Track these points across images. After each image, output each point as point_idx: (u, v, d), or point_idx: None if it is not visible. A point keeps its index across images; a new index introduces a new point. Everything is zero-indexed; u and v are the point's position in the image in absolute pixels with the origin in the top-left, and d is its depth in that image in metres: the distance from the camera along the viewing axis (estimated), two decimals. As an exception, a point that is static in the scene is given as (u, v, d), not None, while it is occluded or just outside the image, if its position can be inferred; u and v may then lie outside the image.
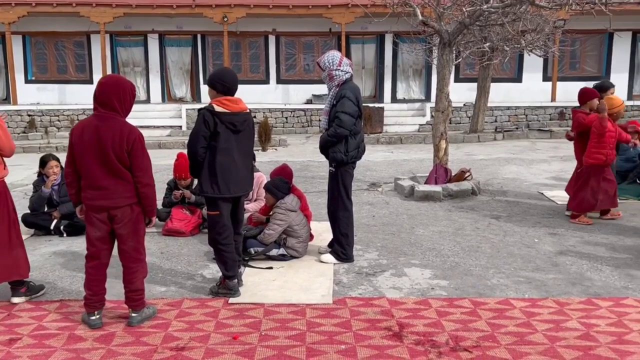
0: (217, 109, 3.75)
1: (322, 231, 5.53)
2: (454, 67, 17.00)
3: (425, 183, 7.63)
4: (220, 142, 3.76)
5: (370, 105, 15.81)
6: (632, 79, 18.25)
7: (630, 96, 17.82)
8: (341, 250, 4.82)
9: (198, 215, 5.81)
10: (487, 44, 10.19)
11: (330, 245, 4.96)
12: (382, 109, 15.69)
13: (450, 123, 16.41)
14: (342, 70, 4.55)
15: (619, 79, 18.06)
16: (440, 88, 7.58)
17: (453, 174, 7.74)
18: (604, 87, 6.59)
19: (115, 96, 3.37)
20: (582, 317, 3.65)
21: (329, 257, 4.84)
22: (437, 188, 7.29)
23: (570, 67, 18.18)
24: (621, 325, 3.53)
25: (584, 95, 6.16)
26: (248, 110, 3.95)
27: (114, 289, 3.92)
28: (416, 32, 10.59)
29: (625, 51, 18.04)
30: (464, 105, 16.39)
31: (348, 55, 17.39)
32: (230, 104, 3.81)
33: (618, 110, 6.01)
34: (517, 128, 15.03)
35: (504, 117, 16.56)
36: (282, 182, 4.95)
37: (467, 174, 7.70)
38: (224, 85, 3.85)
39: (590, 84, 18.40)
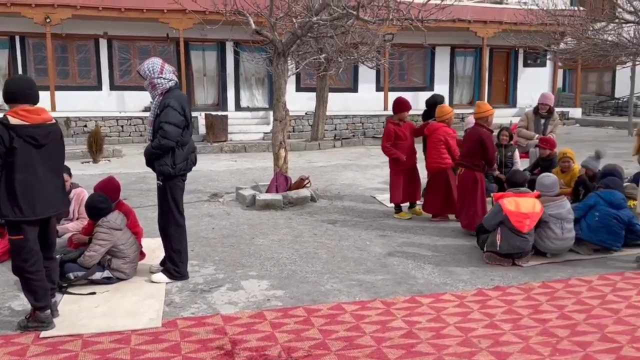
0: (13, 121, 3.31)
1: (156, 248, 5.21)
2: (295, 76, 17.56)
3: (267, 192, 7.62)
4: (19, 159, 3.31)
5: (214, 113, 15.52)
6: (452, 90, 20.24)
7: (451, 105, 19.72)
8: (174, 268, 4.58)
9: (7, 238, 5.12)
10: (323, 55, 10.55)
11: (163, 263, 4.68)
12: (225, 117, 15.48)
13: (293, 131, 16.91)
14: (164, 78, 4.32)
15: (442, 89, 19.90)
16: (277, 97, 7.65)
17: (293, 182, 7.84)
18: (438, 102, 7.21)
19: None
20: (406, 316, 3.85)
21: (160, 277, 4.56)
22: (278, 196, 7.32)
23: (400, 78, 19.63)
24: (440, 320, 3.79)
25: (397, 106, 6.67)
26: (53, 121, 3.53)
27: None
28: (255, 41, 10.61)
29: (445, 64, 19.96)
30: (306, 114, 16.82)
31: (188, 62, 16.92)
32: (29, 115, 3.38)
33: (449, 118, 6.58)
34: (354, 135, 15.80)
35: (342, 125, 17.31)
36: (99, 198, 4.53)
37: (306, 181, 7.84)
38: (8, 93, 3.41)
39: (417, 94, 19.86)
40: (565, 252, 5.11)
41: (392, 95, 17.74)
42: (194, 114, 16.15)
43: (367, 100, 18.53)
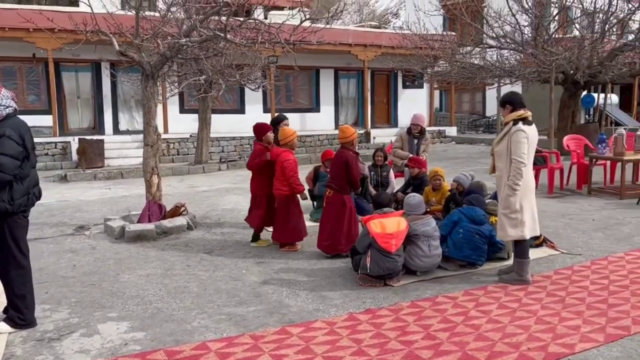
0: None
1: (1, 293, 4.63)
2: (178, 98, 17.03)
3: (138, 222, 7.16)
4: None
5: (88, 137, 14.58)
6: (337, 111, 20.73)
7: (337, 126, 20.19)
8: (17, 315, 4.07)
9: None
10: (203, 77, 10.28)
11: (5, 310, 4.16)
12: (102, 141, 14.59)
13: (177, 154, 16.33)
14: (0, 105, 3.86)
15: (328, 110, 20.43)
16: (148, 121, 7.28)
17: (168, 210, 7.45)
18: (279, 120, 7.16)
19: None
20: (273, 349, 3.69)
21: (2, 326, 4.03)
22: (150, 226, 6.90)
23: (287, 100, 19.76)
24: (308, 351, 3.67)
25: (260, 130, 6.54)
26: None
27: None
28: (130, 62, 10.10)
29: (330, 86, 20.43)
30: (190, 136, 16.35)
31: (59, 84, 15.83)
32: None
33: (291, 140, 6.29)
34: (240, 157, 15.56)
35: (230, 147, 17.02)
36: None
37: (182, 208, 7.50)
38: None
39: (304, 115, 20.07)
40: (434, 269, 5.25)
41: (279, 117, 17.94)
42: (67, 138, 15.10)
43: (255, 121, 18.25)
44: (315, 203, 7.91)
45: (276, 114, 7.29)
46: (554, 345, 3.65)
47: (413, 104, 21.59)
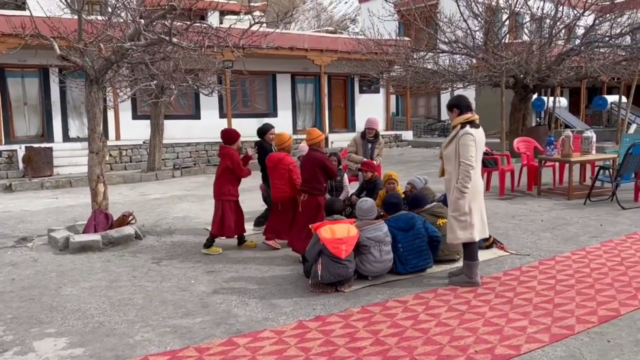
0: None
1: None
2: (130, 103, 16.62)
3: (84, 232, 6.90)
4: None
5: (35, 145, 14.04)
6: (295, 116, 20.68)
7: (294, 131, 20.12)
8: (-56, 335, 3.82)
9: None
10: (154, 82, 10.04)
11: None
12: (50, 149, 14.07)
13: (130, 161, 15.93)
14: None
15: (285, 115, 20.34)
16: (92, 128, 7.03)
17: (115, 219, 7.21)
18: (265, 130, 7.11)
19: None
20: (218, 362, 3.58)
21: None
22: (96, 237, 6.65)
23: (243, 105, 19.59)
24: (254, 362, 3.57)
25: (230, 136, 6.52)
26: None
27: None
28: (74, 67, 9.76)
29: (287, 91, 20.36)
30: (144, 142, 15.97)
31: (4, 89, 15.22)
32: None
33: (289, 145, 6.59)
34: (195, 164, 15.30)
35: (185, 153, 16.72)
36: None
37: (130, 217, 7.27)
38: None
39: (262, 120, 20.04)
40: (385, 274, 5.22)
41: (236, 122, 17.79)
42: (13, 146, 14.52)
43: (211, 127, 18.11)
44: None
45: (262, 124, 7.36)
46: (500, 347, 3.66)
47: (370, 108, 21.77)
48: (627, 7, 13.63)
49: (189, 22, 6.05)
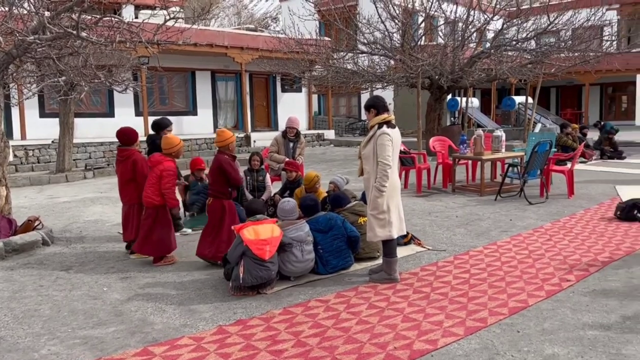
0: None
1: None
2: (37, 101, 15.61)
3: (-17, 239, 6.37)
4: None
5: None
6: (216, 114, 20.30)
7: (215, 129, 19.75)
8: None
9: None
10: (63, 78, 9.45)
11: None
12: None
13: (38, 162, 14.96)
14: None
15: (205, 113, 19.93)
16: (-8, 127, 6.49)
17: (20, 224, 6.73)
18: (162, 126, 6.80)
19: None
20: (132, 374, 3.40)
21: None
22: (-2, 244, 6.17)
23: (161, 103, 18.97)
24: (171, 371, 3.43)
25: (131, 136, 6.19)
26: None
27: None
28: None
29: (207, 88, 19.95)
30: (53, 142, 15.06)
31: None
32: None
33: (177, 150, 5.94)
34: (108, 164, 14.63)
35: (98, 153, 15.95)
36: None
37: (37, 222, 6.81)
38: None
39: (181, 119, 19.40)
40: (307, 273, 5.21)
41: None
42: None
43: (126, 125, 17.37)
44: (187, 213, 7.60)
45: (159, 117, 6.88)
46: (418, 342, 3.75)
47: (292, 107, 21.80)
48: (531, 13, 14.49)
49: (98, 16, 5.73)
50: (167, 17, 5.99)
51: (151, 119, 16.74)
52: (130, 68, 13.10)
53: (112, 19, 5.82)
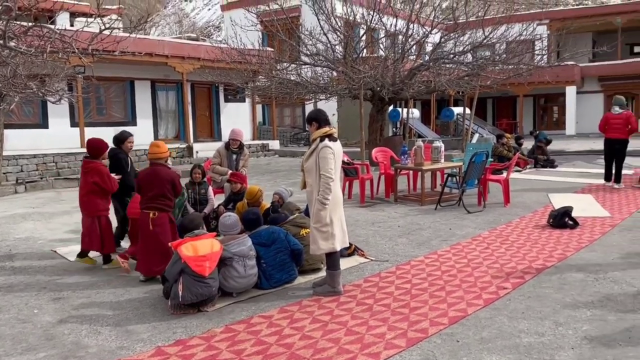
0: None
1: None
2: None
3: None
4: None
5: None
6: (156, 124, 19.82)
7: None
8: None
9: None
10: (-10, 88, 8.99)
11: None
12: None
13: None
14: None
15: (145, 124, 19.42)
16: None
17: (-59, 245, 6.30)
18: (123, 138, 6.71)
19: None
20: (63, 403, 3.23)
21: None
22: None
23: (98, 113, 18.35)
24: (105, 398, 3.28)
25: (97, 149, 6.17)
26: None
27: None
28: None
29: (147, 98, 19.45)
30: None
31: None
32: None
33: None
34: (42, 178, 13.99)
35: (30, 166, 15.19)
36: None
37: (-40, 242, 6.39)
38: None
39: (119, 129, 18.91)
40: (250, 289, 5.14)
41: (90, 131, 16.60)
42: None
43: (62, 137, 16.70)
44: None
45: (120, 132, 6.88)
46: (361, 356, 3.75)
47: (236, 117, 21.60)
48: (468, 27, 15.01)
49: (29, 24, 5.48)
50: (103, 27, 5.80)
51: (89, 130, 16.30)
52: (65, 78, 12.60)
53: (43, 28, 5.57)
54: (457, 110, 23.90)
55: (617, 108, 10.86)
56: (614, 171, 11.03)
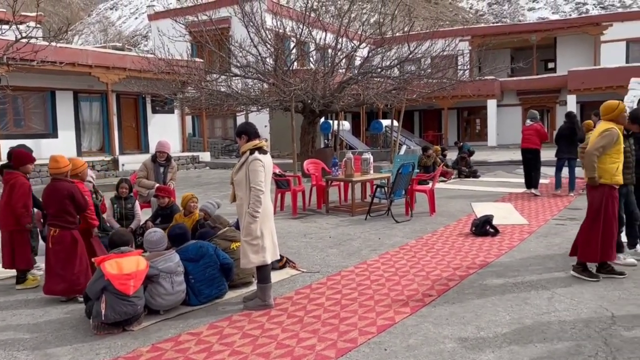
0: None
1: None
2: None
3: None
4: None
5: None
6: (79, 136, 19.03)
7: (79, 152, 18.51)
8: None
9: None
10: None
11: None
12: None
13: None
14: None
15: (67, 136, 18.62)
16: None
17: None
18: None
19: None
20: None
21: None
22: None
23: (15, 125, 17.41)
24: None
25: (24, 157, 5.94)
26: None
27: None
28: None
29: (69, 109, 18.65)
30: None
31: None
32: None
33: (82, 170, 5.91)
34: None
35: (-62, 180, 14.15)
36: None
37: None
38: None
39: (39, 142, 17.97)
40: (178, 305, 5.02)
41: (8, 144, 15.68)
42: None
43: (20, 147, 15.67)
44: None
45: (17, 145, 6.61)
46: (291, 368, 3.76)
47: (165, 129, 21.13)
48: (394, 42, 15.49)
49: None
50: (20, 36, 5.53)
51: (5, 142, 15.40)
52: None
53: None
54: (386, 122, 24.52)
55: (529, 121, 11.83)
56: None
